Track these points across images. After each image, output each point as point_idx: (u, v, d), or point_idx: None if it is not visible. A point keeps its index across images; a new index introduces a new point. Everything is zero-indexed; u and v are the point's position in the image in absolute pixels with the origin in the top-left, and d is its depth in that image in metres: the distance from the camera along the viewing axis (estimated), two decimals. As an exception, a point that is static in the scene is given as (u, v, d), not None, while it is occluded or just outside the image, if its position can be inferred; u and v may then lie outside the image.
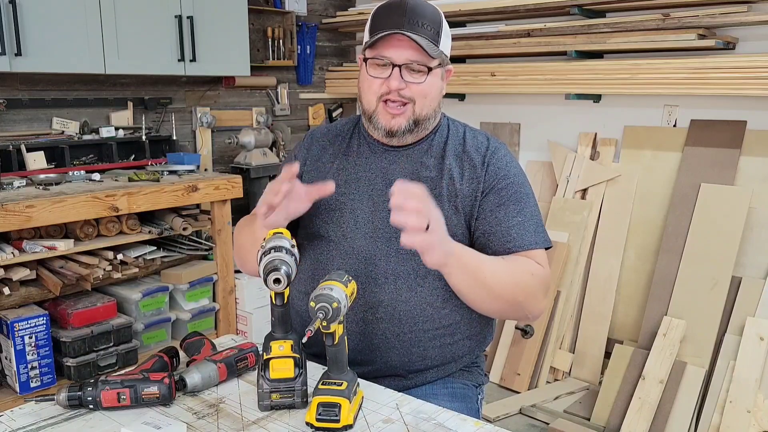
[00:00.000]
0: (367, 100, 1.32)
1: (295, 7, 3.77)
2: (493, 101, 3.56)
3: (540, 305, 1.30)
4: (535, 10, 3.06)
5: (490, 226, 1.30)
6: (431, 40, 1.26)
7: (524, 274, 1.26)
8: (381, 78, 1.28)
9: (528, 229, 1.30)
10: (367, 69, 1.29)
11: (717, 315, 2.61)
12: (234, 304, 3.17)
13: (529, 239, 1.30)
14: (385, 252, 1.30)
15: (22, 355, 2.40)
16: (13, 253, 2.36)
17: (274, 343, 1.10)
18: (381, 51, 1.27)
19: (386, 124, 1.30)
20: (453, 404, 1.29)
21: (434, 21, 1.28)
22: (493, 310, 1.30)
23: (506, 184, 1.32)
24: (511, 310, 1.30)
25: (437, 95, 1.33)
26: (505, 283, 1.24)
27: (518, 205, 1.32)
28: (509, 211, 1.30)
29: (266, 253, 1.07)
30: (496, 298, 1.25)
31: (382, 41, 1.26)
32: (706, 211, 2.74)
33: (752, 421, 2.39)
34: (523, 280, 1.26)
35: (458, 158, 1.34)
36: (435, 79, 1.31)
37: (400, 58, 1.26)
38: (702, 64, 2.63)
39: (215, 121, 3.47)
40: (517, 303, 1.27)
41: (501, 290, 1.24)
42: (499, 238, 1.29)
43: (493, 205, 1.31)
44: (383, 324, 1.30)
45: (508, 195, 1.32)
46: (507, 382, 3.07)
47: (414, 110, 1.29)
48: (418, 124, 1.31)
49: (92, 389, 1.08)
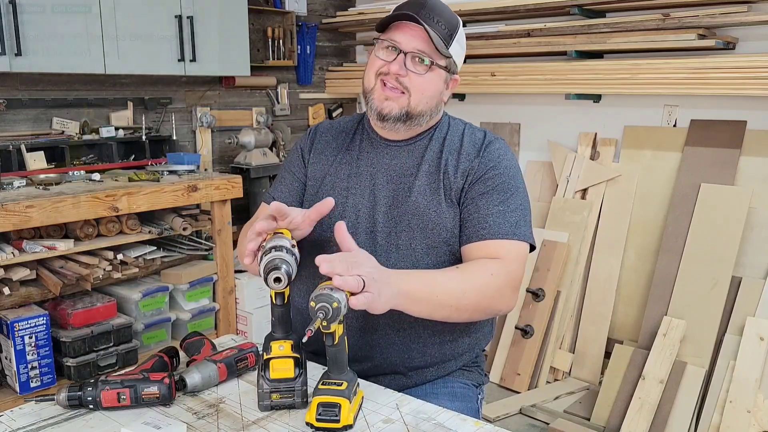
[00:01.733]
0: (368, 78, 1.33)
1: (295, 7, 3.77)
2: (493, 101, 3.56)
3: (508, 302, 1.27)
4: (535, 10, 3.06)
5: (469, 213, 1.29)
6: (443, 38, 1.27)
7: (482, 278, 1.23)
8: (386, 61, 1.29)
9: (508, 220, 1.28)
10: (376, 49, 1.31)
11: (717, 315, 2.61)
12: (234, 304, 3.17)
13: (505, 229, 1.27)
14: (385, 248, 1.31)
15: (22, 355, 2.40)
16: (13, 253, 2.36)
17: (274, 343, 1.10)
18: (391, 35, 1.29)
19: (378, 105, 1.30)
20: (453, 404, 1.29)
21: (450, 24, 1.30)
22: (462, 319, 1.28)
23: (494, 175, 1.31)
24: (480, 315, 1.29)
25: (435, 95, 1.33)
26: (463, 296, 1.21)
27: (502, 195, 1.30)
28: (491, 200, 1.29)
29: (266, 252, 1.07)
30: (460, 312, 1.23)
31: (395, 26, 1.28)
32: (706, 211, 2.74)
33: (752, 421, 2.39)
34: (483, 285, 1.23)
35: (455, 153, 1.35)
36: (436, 77, 1.31)
37: (408, 46, 1.27)
38: (702, 64, 2.63)
39: (215, 121, 3.47)
40: (482, 308, 1.25)
41: (461, 304, 1.21)
42: (474, 224, 1.28)
43: (477, 194, 1.30)
44: (383, 320, 1.30)
45: (493, 185, 1.30)
46: (507, 382, 3.07)
47: (409, 102, 1.30)
48: (411, 118, 1.31)
49: (92, 389, 1.08)
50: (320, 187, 1.39)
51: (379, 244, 1.31)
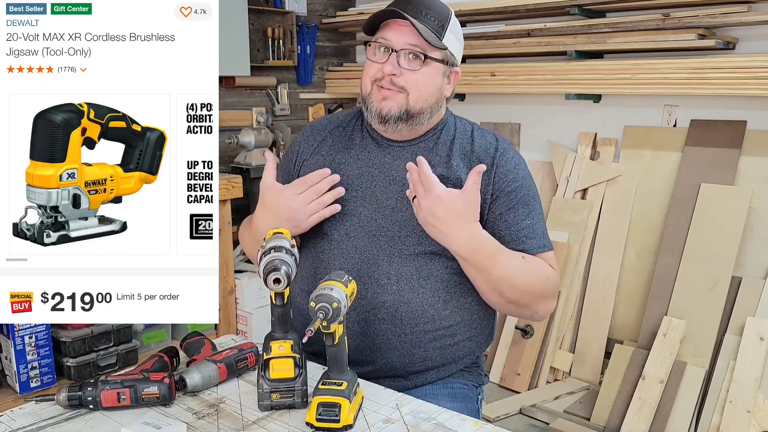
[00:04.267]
0: (364, 84, 1.32)
1: (295, 7, 3.77)
2: (493, 101, 3.56)
3: (548, 307, 1.32)
4: (535, 10, 3.06)
5: (500, 230, 1.30)
6: (433, 30, 1.25)
7: (539, 277, 1.28)
8: (379, 63, 1.28)
9: (537, 232, 1.31)
10: (368, 53, 1.30)
11: (717, 315, 2.61)
12: (234, 304, 3.17)
13: (539, 242, 1.31)
14: (387, 252, 1.29)
15: (22, 355, 2.40)
16: (13, 253, 2.36)
17: (274, 343, 1.10)
18: (381, 34, 1.28)
19: (377, 106, 1.29)
20: (453, 404, 1.29)
21: (440, 15, 1.28)
22: (501, 307, 1.32)
23: (515, 187, 1.32)
24: (519, 310, 1.32)
25: (434, 91, 1.31)
26: (514, 289, 1.25)
27: (527, 207, 1.32)
28: (518, 214, 1.30)
29: (266, 253, 1.07)
30: (503, 299, 1.27)
31: (384, 26, 1.27)
32: (706, 211, 2.74)
33: (752, 421, 2.39)
34: (538, 283, 1.28)
35: (466, 158, 1.33)
36: (433, 72, 1.29)
37: (398, 43, 1.26)
38: (702, 64, 2.63)
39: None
40: (525, 304, 1.29)
41: (508, 293, 1.26)
42: (509, 242, 1.29)
43: (503, 209, 1.30)
44: (385, 324, 1.29)
45: (517, 198, 1.31)
46: (507, 382, 3.07)
47: (408, 100, 1.28)
48: (412, 116, 1.29)
49: (92, 389, 1.08)
50: None
51: (382, 248, 1.30)
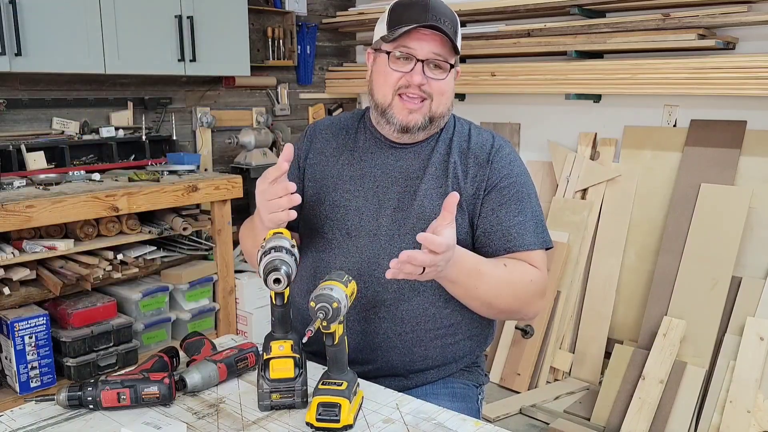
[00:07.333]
0: (383, 94, 1.29)
1: (295, 7, 3.77)
2: (493, 101, 3.56)
3: (536, 308, 1.33)
4: (535, 10, 3.06)
5: (491, 225, 1.30)
6: (452, 38, 1.26)
7: (522, 283, 1.28)
8: (401, 72, 1.26)
9: (528, 229, 1.31)
10: (389, 62, 1.27)
11: (717, 315, 2.61)
12: (234, 304, 3.17)
13: (528, 240, 1.30)
14: (388, 251, 1.29)
15: (22, 355, 2.40)
16: (13, 253, 2.36)
17: (274, 343, 1.10)
18: (403, 43, 1.25)
19: (402, 119, 1.28)
20: (453, 404, 1.29)
21: (453, 21, 1.29)
22: (490, 314, 1.34)
23: (509, 183, 1.32)
24: (506, 316, 1.35)
25: (452, 94, 1.34)
26: (498, 298, 1.27)
27: (519, 204, 1.32)
28: (510, 211, 1.30)
29: (266, 253, 1.07)
30: (491, 308, 1.29)
31: (404, 35, 1.25)
32: (706, 211, 2.74)
33: (752, 421, 2.39)
34: (521, 290, 1.28)
35: (463, 155, 1.34)
36: (451, 77, 1.31)
37: (423, 52, 1.25)
38: (702, 64, 2.63)
39: (215, 121, 3.47)
40: (513, 311, 1.31)
41: (495, 303, 1.27)
42: (499, 237, 1.30)
43: (495, 204, 1.31)
44: (385, 323, 1.30)
45: (510, 194, 1.31)
46: (507, 382, 3.07)
47: (431, 107, 1.29)
48: (433, 122, 1.31)
49: (92, 389, 1.08)
50: (321, 188, 1.37)
51: (382, 248, 1.30)
